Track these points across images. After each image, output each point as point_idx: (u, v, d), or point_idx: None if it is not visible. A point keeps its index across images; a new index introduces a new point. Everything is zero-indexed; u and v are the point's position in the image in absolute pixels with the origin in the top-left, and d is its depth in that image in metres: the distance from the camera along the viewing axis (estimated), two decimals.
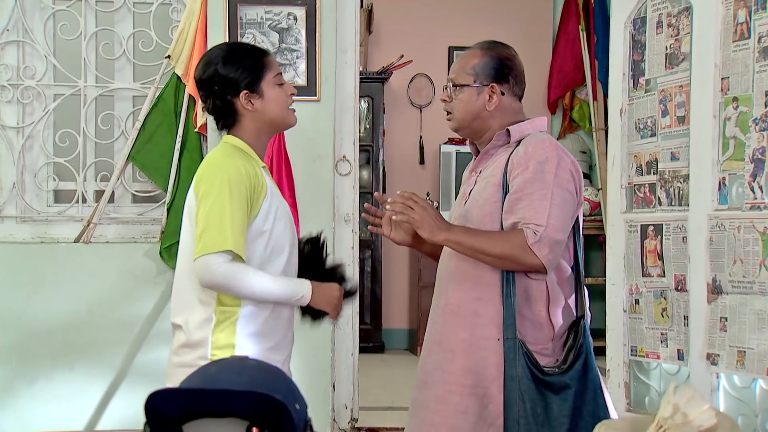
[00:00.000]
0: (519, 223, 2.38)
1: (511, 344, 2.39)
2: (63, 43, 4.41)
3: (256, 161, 2.48)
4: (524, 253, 2.34)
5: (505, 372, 2.38)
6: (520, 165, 2.41)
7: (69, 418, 4.10)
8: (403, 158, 7.48)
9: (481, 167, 2.56)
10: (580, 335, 2.50)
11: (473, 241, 2.39)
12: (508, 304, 2.41)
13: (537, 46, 7.32)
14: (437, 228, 2.39)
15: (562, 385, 2.42)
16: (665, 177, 3.74)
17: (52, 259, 4.16)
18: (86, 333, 4.13)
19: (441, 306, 2.54)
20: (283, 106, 2.53)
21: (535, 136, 2.49)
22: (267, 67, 2.50)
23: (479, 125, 2.55)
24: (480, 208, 2.48)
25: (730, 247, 3.35)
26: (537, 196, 2.37)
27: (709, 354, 3.44)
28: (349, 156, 4.26)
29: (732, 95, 3.40)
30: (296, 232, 2.59)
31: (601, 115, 6.40)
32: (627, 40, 3.96)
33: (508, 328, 2.40)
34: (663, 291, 3.70)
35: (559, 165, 2.42)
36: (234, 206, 2.33)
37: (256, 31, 4.11)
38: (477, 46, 2.60)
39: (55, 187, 4.38)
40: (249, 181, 2.38)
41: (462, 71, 2.54)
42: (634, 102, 3.92)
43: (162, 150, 4.19)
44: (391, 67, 7.15)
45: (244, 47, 2.65)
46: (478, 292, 2.45)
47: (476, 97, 2.52)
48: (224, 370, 1.42)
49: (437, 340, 2.52)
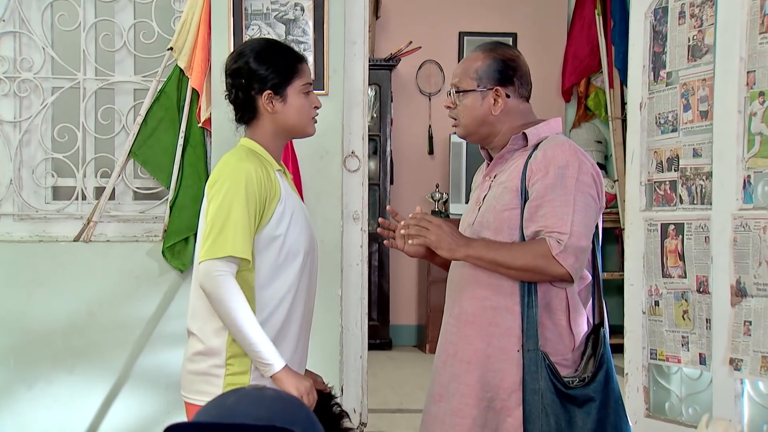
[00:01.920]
0: (541, 232, 2.33)
1: (533, 356, 2.34)
2: (61, 34, 4.29)
3: (271, 164, 2.47)
4: (549, 263, 2.29)
5: (526, 385, 2.34)
6: (539, 170, 2.36)
7: (69, 422, 4.01)
8: (411, 148, 7.39)
9: (495, 172, 2.50)
10: (601, 345, 2.45)
11: (495, 254, 2.34)
12: (530, 315, 2.35)
13: (551, 31, 7.23)
14: (456, 245, 2.35)
15: (586, 398, 2.38)
16: (687, 174, 3.65)
17: (51, 259, 4.06)
18: (87, 335, 4.03)
19: (455, 315, 2.48)
20: (305, 116, 2.52)
21: (553, 140, 2.43)
22: (298, 74, 2.49)
23: (487, 130, 2.49)
24: (497, 214, 2.42)
25: (756, 248, 3.28)
26: (559, 202, 2.32)
27: (732, 359, 3.36)
28: (357, 152, 4.16)
29: (758, 90, 3.33)
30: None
31: (617, 104, 6.30)
32: (647, 30, 3.86)
33: (529, 339, 2.35)
34: (684, 293, 3.62)
35: (581, 169, 2.37)
36: (242, 210, 2.33)
37: (261, 23, 3.99)
38: (479, 48, 2.54)
39: (53, 183, 4.26)
40: (260, 185, 2.37)
41: (465, 76, 2.48)
42: (655, 95, 3.82)
43: (164, 145, 4.08)
44: (399, 54, 7.07)
45: (281, 47, 2.58)
46: (495, 300, 2.39)
47: (481, 102, 2.46)
48: (242, 400, 1.36)
49: (452, 351, 2.46)
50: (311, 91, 2.53)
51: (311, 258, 2.51)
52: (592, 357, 2.44)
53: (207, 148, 4.10)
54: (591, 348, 2.45)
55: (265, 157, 2.47)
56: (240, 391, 1.38)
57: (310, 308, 2.54)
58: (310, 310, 2.55)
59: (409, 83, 7.42)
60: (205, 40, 4.00)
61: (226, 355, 2.37)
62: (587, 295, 2.49)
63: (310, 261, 2.51)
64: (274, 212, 2.40)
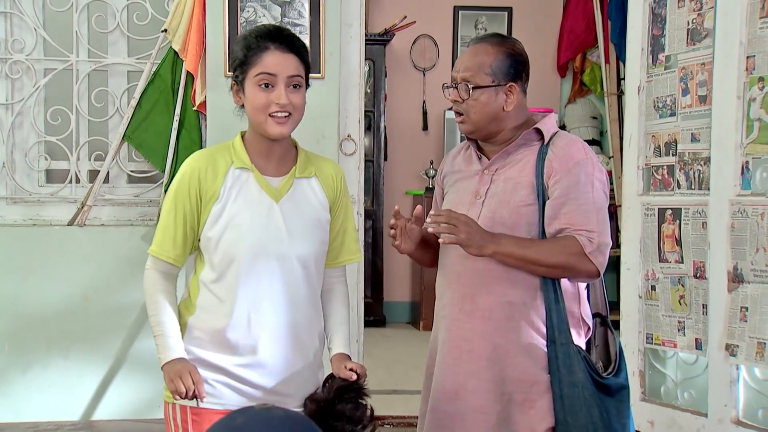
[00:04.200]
0: (567, 229, 2.32)
1: (567, 349, 2.34)
2: (53, 15, 4.24)
3: (234, 161, 2.32)
4: (581, 261, 2.30)
5: (562, 378, 2.33)
6: (561, 168, 2.35)
7: (64, 407, 4.00)
8: (405, 124, 7.34)
9: (496, 165, 2.45)
10: (612, 333, 2.50)
11: (525, 252, 2.32)
12: (558, 309, 2.36)
13: (547, 6, 7.17)
14: (484, 242, 2.29)
15: (619, 387, 2.41)
16: (685, 159, 3.63)
17: (46, 243, 4.03)
18: (81, 319, 4.01)
19: (467, 311, 2.42)
20: (258, 111, 2.27)
21: (564, 136, 2.44)
22: (253, 63, 2.26)
23: (496, 126, 2.45)
24: (513, 210, 2.38)
25: (753, 234, 3.27)
26: (582, 200, 2.33)
27: (728, 345, 3.37)
28: (354, 135, 4.13)
29: (757, 75, 3.31)
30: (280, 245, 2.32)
31: (613, 79, 6.25)
32: (646, 13, 3.83)
33: (561, 332, 2.35)
34: (681, 278, 3.62)
35: (596, 166, 2.39)
36: (168, 210, 2.30)
37: (257, 5, 3.93)
38: (484, 41, 2.46)
39: (47, 166, 4.24)
40: (195, 183, 2.27)
41: (479, 71, 2.40)
42: (653, 79, 3.79)
43: (159, 129, 4.05)
44: (393, 29, 6.99)
45: (250, 34, 2.32)
46: (511, 295, 2.37)
47: (495, 98, 2.41)
48: (250, 422, 1.35)
49: (467, 348, 2.41)
50: (273, 83, 2.26)
51: (257, 268, 2.28)
52: (597, 347, 2.49)
53: (202, 131, 4.06)
54: (600, 339, 2.49)
55: (235, 152, 2.33)
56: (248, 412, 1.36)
57: (282, 318, 2.31)
58: (286, 321, 2.31)
59: (403, 58, 7.36)
60: (199, 22, 3.94)
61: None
62: (593, 290, 2.54)
63: (256, 271, 2.28)
64: (210, 213, 2.28)
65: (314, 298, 2.39)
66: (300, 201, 2.36)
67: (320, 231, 2.37)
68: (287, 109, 2.26)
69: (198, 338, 2.31)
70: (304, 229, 2.34)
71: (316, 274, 2.38)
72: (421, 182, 7.18)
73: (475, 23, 7.37)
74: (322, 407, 1.79)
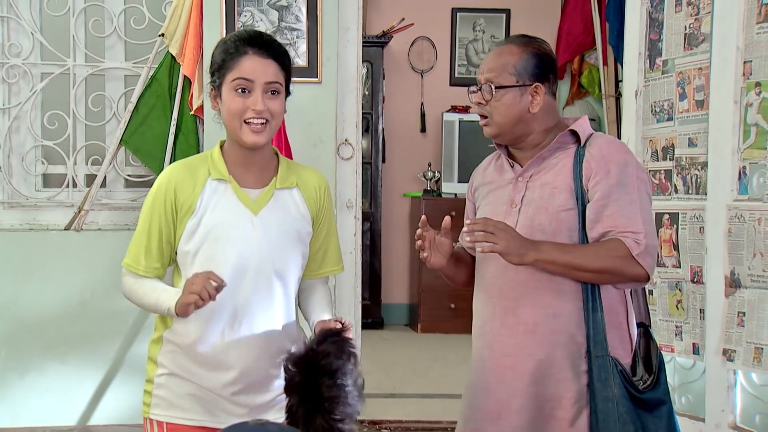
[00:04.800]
0: (611, 232, 2.22)
1: (602, 362, 2.24)
2: (50, 19, 4.23)
3: (215, 172, 2.26)
4: (629, 264, 2.19)
5: (596, 393, 2.23)
6: (600, 169, 2.25)
7: (61, 412, 3.99)
8: (403, 126, 7.35)
9: (531, 171, 2.36)
10: (654, 345, 2.39)
11: (569, 257, 2.21)
12: (596, 319, 2.25)
13: (545, 8, 7.17)
14: (525, 249, 2.19)
15: (657, 402, 2.30)
16: (682, 164, 3.63)
17: (42, 247, 4.02)
18: (78, 324, 4.00)
19: (508, 326, 2.32)
20: (233, 118, 2.21)
21: (601, 137, 2.35)
22: (231, 68, 2.21)
23: (522, 129, 2.35)
24: (553, 216, 2.28)
25: (750, 239, 3.27)
26: (625, 201, 2.23)
27: (725, 350, 3.37)
28: (351, 139, 4.12)
29: (755, 80, 3.31)
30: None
31: (611, 81, 6.25)
32: (643, 17, 3.83)
33: (597, 344, 2.24)
34: (678, 282, 3.62)
35: (638, 167, 2.30)
36: (142, 222, 2.27)
37: (254, 9, 3.93)
38: (510, 41, 2.38)
39: (43, 171, 4.22)
40: (172, 196, 2.23)
41: (503, 71, 2.32)
42: (650, 84, 3.79)
43: (156, 133, 4.04)
44: (391, 31, 7.01)
45: (231, 38, 2.28)
46: (557, 307, 2.27)
47: (520, 99, 2.32)
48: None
49: (509, 364, 2.31)
50: (250, 89, 2.19)
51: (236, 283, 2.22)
52: (642, 359, 2.36)
53: (199, 136, 4.05)
54: (643, 349, 2.37)
55: (213, 163, 2.27)
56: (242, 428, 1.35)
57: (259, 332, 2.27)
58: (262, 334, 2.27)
59: (401, 60, 7.36)
60: (196, 26, 3.94)
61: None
62: (635, 297, 2.43)
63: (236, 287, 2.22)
64: (186, 227, 2.23)
65: (290, 311, 2.33)
66: (280, 213, 2.30)
67: (300, 245, 2.32)
68: (264, 116, 2.20)
69: (173, 352, 2.28)
70: (283, 243, 2.28)
71: (293, 287, 2.34)
72: (419, 184, 7.18)
73: (473, 25, 7.38)
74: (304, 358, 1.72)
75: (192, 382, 2.26)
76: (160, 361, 2.29)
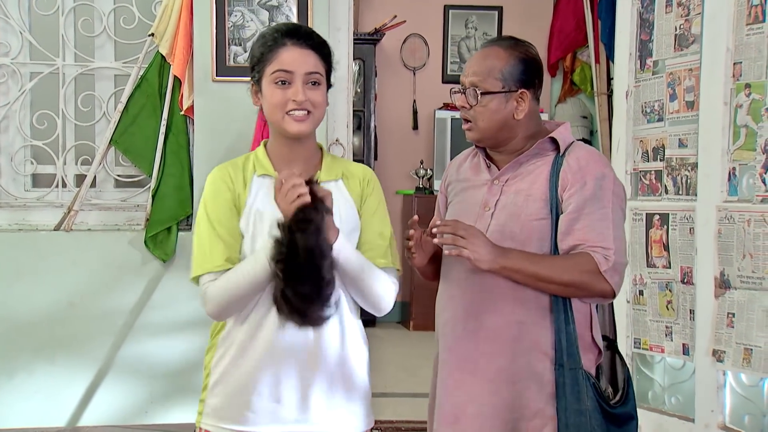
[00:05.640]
0: (581, 246, 2.18)
1: (575, 374, 2.20)
2: (39, 19, 4.22)
3: (260, 168, 2.21)
4: (596, 280, 2.16)
5: (569, 405, 2.19)
6: (576, 181, 2.21)
7: (50, 413, 3.98)
8: (395, 124, 7.34)
9: (507, 176, 2.31)
10: (620, 360, 2.36)
11: (536, 268, 2.17)
12: (568, 331, 2.21)
13: (537, 5, 7.16)
14: (493, 255, 2.14)
15: (627, 417, 2.29)
16: (672, 164, 3.63)
17: (32, 248, 4.00)
18: (68, 325, 3.99)
19: (471, 330, 2.28)
20: (276, 109, 2.16)
21: (582, 148, 2.30)
22: (269, 60, 2.17)
23: (505, 135, 2.31)
24: (524, 224, 2.24)
25: (740, 240, 3.27)
26: (598, 215, 2.18)
27: (715, 350, 3.37)
28: (342, 139, 4.12)
29: (744, 81, 3.31)
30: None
31: (603, 79, 6.23)
32: (634, 18, 3.83)
33: (570, 357, 2.20)
34: (668, 283, 3.62)
35: (615, 181, 2.25)
36: (208, 223, 2.15)
37: (244, 9, 3.92)
38: (496, 44, 2.32)
39: (33, 171, 4.22)
40: (228, 193, 2.17)
41: (488, 76, 2.26)
42: (641, 84, 3.79)
43: (146, 133, 4.04)
44: (383, 28, 6.99)
45: (266, 33, 2.24)
46: (521, 315, 2.23)
47: (505, 105, 2.27)
48: None
49: (470, 369, 2.27)
50: (290, 80, 2.15)
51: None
52: (606, 373, 2.34)
53: (189, 136, 4.05)
54: (608, 363, 2.34)
55: (257, 160, 2.23)
56: None
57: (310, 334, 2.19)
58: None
59: (393, 58, 7.34)
60: (187, 26, 3.93)
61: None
62: (602, 312, 2.40)
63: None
64: (239, 221, 2.17)
65: (343, 306, 2.24)
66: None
67: (350, 235, 2.22)
68: (305, 107, 2.15)
69: (224, 356, 2.20)
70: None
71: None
72: (411, 182, 7.17)
73: (465, 22, 7.36)
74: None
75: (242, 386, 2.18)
76: (212, 368, 2.21)
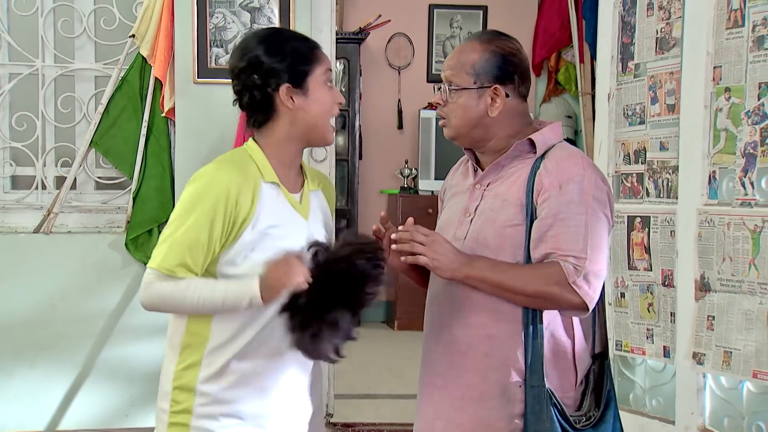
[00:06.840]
0: (553, 254, 2.03)
1: (537, 393, 2.06)
2: (18, 19, 4.18)
3: (263, 176, 2.08)
4: (564, 291, 2.00)
5: (528, 425, 2.06)
6: (551, 186, 2.07)
7: (29, 417, 3.96)
8: (380, 123, 7.34)
9: (488, 180, 2.19)
10: (607, 379, 2.19)
11: (501, 277, 2.04)
12: (535, 346, 2.06)
13: (522, 5, 7.18)
14: (457, 264, 2.03)
15: None
16: (654, 167, 3.63)
17: (11, 250, 3.98)
18: (48, 328, 3.97)
19: (443, 343, 2.17)
20: (326, 113, 2.11)
21: (563, 149, 2.16)
22: (317, 60, 2.09)
23: (481, 134, 2.17)
24: (498, 231, 2.11)
25: (720, 243, 3.28)
26: (573, 222, 2.03)
27: (695, 353, 3.38)
28: None
29: (724, 85, 3.31)
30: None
31: (588, 79, 6.23)
32: (616, 21, 3.82)
33: (534, 374, 2.06)
34: (650, 285, 3.63)
35: (596, 186, 2.08)
36: (194, 221, 1.99)
37: (226, 11, 3.90)
38: (475, 38, 2.20)
39: (12, 173, 4.19)
40: (233, 205, 2.01)
41: (460, 70, 2.15)
42: (623, 87, 3.80)
43: (127, 135, 4.02)
44: (368, 27, 6.99)
45: (290, 33, 2.18)
46: (493, 329, 2.10)
47: (477, 102, 2.14)
48: None
49: (440, 384, 2.18)
50: (333, 85, 2.12)
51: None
52: (593, 392, 2.17)
53: (171, 138, 4.03)
54: (593, 382, 2.17)
55: (260, 167, 2.09)
56: None
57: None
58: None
59: (378, 57, 7.34)
60: (168, 27, 3.91)
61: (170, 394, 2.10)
62: (589, 324, 2.20)
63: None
64: (240, 236, 2.03)
65: None
66: (319, 216, 2.20)
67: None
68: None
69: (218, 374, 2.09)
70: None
71: None
72: (396, 181, 7.17)
73: (450, 22, 7.37)
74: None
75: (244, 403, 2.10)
76: (202, 389, 2.07)
